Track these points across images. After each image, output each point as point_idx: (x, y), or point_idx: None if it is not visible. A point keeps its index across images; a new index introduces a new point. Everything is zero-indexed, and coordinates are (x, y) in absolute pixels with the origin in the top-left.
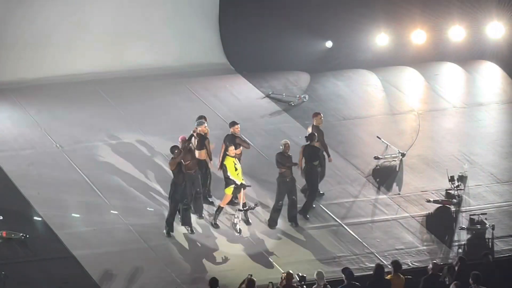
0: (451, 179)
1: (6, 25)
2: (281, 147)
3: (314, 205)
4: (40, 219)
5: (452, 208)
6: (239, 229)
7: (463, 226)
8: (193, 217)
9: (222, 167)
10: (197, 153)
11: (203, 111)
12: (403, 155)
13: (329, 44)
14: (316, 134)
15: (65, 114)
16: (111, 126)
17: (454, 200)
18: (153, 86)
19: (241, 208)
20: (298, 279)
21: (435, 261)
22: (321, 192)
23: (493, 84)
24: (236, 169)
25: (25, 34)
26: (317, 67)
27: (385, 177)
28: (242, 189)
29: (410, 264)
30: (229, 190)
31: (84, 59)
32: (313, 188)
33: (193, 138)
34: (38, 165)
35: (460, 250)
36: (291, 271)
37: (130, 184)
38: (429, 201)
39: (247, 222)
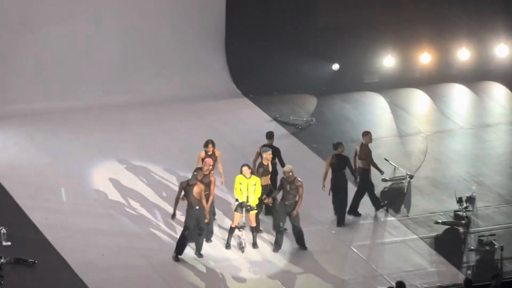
0: (459, 201)
1: (14, 51)
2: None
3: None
4: (48, 244)
5: (461, 230)
6: (243, 248)
7: (472, 247)
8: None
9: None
10: (263, 179)
11: (210, 135)
12: (411, 177)
13: (335, 66)
14: (341, 143)
15: (72, 140)
16: (119, 151)
17: (463, 222)
18: (160, 112)
19: (238, 227)
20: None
21: (439, 285)
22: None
23: (500, 105)
24: (241, 188)
25: (32, 61)
26: (324, 90)
27: (394, 199)
28: (244, 209)
29: (420, 286)
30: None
31: (91, 86)
32: (363, 187)
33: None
34: (46, 191)
35: (469, 272)
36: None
37: (139, 208)
38: (437, 222)
39: (254, 245)
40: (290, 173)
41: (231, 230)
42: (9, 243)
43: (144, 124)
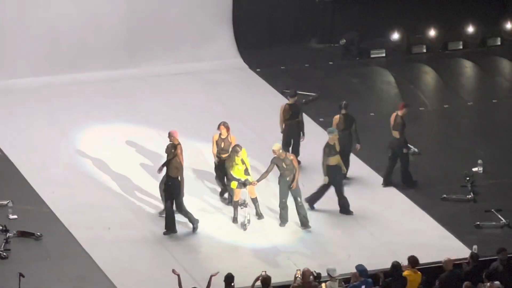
0: (466, 175)
1: (22, 25)
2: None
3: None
4: (54, 218)
5: (467, 204)
6: (245, 226)
7: (478, 222)
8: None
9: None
10: (331, 160)
11: (217, 108)
12: (418, 153)
13: (342, 41)
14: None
15: (80, 114)
16: (128, 125)
17: (469, 197)
18: (168, 85)
19: (240, 204)
20: (314, 276)
21: (448, 258)
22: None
23: (507, 80)
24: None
25: (41, 35)
26: (331, 64)
27: (402, 175)
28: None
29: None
30: (234, 185)
31: (98, 59)
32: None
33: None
34: (52, 164)
35: (475, 246)
36: (307, 268)
37: (147, 181)
38: (444, 198)
39: (259, 216)
40: (280, 151)
41: (235, 205)
42: (15, 217)
43: (153, 97)
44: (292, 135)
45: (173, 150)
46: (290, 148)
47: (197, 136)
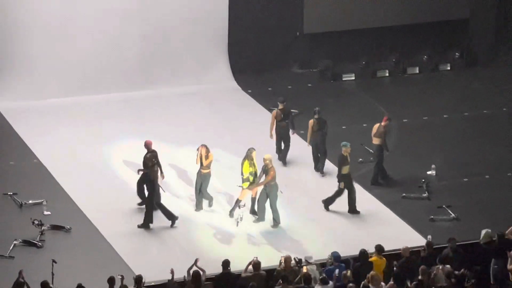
0: (423, 180)
1: (47, 52)
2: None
3: None
4: (81, 214)
5: (423, 201)
6: (237, 222)
7: (432, 216)
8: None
9: None
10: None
11: (217, 124)
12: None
13: (317, 69)
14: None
15: (103, 128)
16: (143, 137)
17: (424, 195)
18: (175, 104)
19: (240, 205)
20: (295, 262)
21: (406, 246)
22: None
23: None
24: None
25: (65, 60)
26: (309, 86)
27: (377, 172)
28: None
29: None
30: (245, 185)
31: (116, 81)
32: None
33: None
34: (79, 169)
35: (430, 236)
36: (289, 255)
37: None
38: (404, 196)
39: (254, 212)
40: (268, 161)
41: (237, 202)
42: (49, 213)
43: (163, 114)
44: (282, 136)
45: (153, 159)
46: (282, 144)
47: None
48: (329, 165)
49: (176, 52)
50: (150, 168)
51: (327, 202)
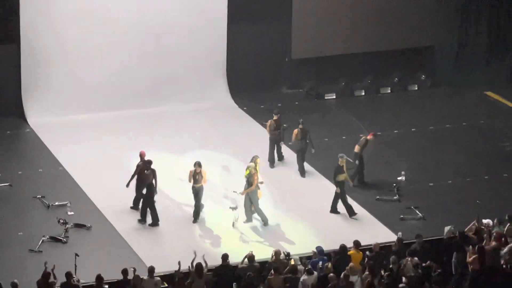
0: (394, 185)
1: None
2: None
3: None
4: (100, 214)
5: (394, 203)
6: (233, 223)
7: (402, 216)
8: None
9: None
10: (342, 176)
11: (213, 137)
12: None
13: (304, 89)
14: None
15: (119, 141)
16: (154, 148)
17: (395, 198)
18: (180, 120)
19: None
20: (284, 255)
21: (376, 242)
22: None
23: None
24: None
25: (84, 80)
26: (296, 104)
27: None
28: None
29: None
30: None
31: (131, 100)
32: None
33: None
34: (99, 176)
35: (400, 233)
36: (279, 249)
37: (175, 187)
38: (378, 199)
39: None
40: (251, 168)
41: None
42: (72, 213)
43: (170, 128)
44: (276, 142)
45: (148, 165)
46: (275, 152)
47: (199, 157)
48: (308, 168)
49: (181, 75)
50: (145, 175)
51: (333, 209)
